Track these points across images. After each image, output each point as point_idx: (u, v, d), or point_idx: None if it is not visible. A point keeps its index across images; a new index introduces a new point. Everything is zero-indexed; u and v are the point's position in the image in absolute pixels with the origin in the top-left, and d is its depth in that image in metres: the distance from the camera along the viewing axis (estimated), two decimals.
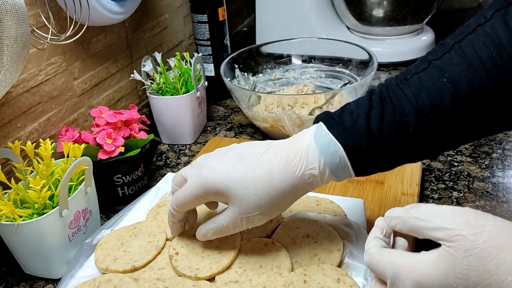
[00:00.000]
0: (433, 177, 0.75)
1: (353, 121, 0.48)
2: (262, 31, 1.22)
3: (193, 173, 0.53)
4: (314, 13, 1.16)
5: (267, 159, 0.50)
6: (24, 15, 0.49)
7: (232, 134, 0.93)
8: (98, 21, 0.75)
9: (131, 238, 0.60)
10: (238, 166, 0.50)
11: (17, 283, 0.61)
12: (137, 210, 0.67)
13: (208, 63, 1.00)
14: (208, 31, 0.96)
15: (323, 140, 0.48)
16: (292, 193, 0.50)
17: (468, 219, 0.37)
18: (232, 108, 1.03)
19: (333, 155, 0.48)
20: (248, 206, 0.49)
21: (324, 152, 0.48)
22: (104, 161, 0.68)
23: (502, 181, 0.73)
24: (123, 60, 0.89)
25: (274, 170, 0.49)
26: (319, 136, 0.49)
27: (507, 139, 0.83)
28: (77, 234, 0.61)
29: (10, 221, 0.54)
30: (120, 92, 0.89)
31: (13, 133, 0.67)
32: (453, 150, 0.78)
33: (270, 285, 0.51)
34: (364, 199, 0.66)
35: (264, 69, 1.03)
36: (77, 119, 0.79)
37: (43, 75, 0.70)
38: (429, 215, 0.39)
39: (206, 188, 0.51)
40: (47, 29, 0.65)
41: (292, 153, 0.49)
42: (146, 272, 0.55)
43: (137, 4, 0.82)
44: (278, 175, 0.49)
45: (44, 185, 0.56)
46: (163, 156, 0.88)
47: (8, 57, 0.48)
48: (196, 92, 0.86)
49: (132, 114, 0.72)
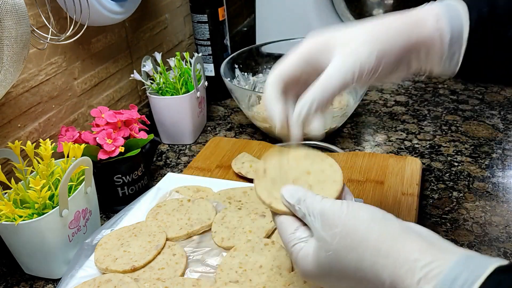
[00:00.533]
0: (433, 177, 0.75)
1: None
2: (262, 31, 1.22)
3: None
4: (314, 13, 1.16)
5: (383, 16, 0.47)
6: (24, 15, 0.49)
7: (232, 134, 0.93)
8: (98, 21, 0.75)
9: (131, 238, 0.60)
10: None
11: (17, 283, 0.61)
12: (137, 210, 0.67)
13: (208, 63, 1.00)
14: (208, 31, 0.96)
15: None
16: (407, 38, 0.45)
17: (329, 219, 0.39)
18: (232, 108, 1.03)
19: (455, 13, 0.45)
20: (363, 44, 0.45)
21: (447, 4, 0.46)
22: (104, 161, 0.68)
23: (502, 181, 0.73)
24: (123, 60, 0.89)
25: (393, 20, 0.46)
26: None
27: (507, 139, 0.84)
28: (77, 234, 0.61)
29: (10, 221, 0.54)
30: (120, 92, 0.89)
31: (13, 133, 0.67)
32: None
33: (270, 285, 0.52)
34: (364, 199, 0.66)
35: (264, 69, 1.03)
36: (77, 119, 0.79)
37: (43, 75, 0.70)
38: (308, 210, 0.41)
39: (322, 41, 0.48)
40: (47, 29, 0.65)
41: (416, 22, 0.46)
42: (146, 272, 0.55)
43: (137, 4, 0.82)
44: (396, 23, 0.46)
45: (44, 185, 0.56)
46: (163, 156, 0.88)
47: (8, 57, 0.48)
48: (196, 92, 0.86)
49: (132, 114, 0.72)
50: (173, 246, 0.59)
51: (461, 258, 0.34)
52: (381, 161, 0.75)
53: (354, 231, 0.38)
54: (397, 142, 0.86)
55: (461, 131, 0.87)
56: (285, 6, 1.17)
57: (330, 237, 0.39)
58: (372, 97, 1.02)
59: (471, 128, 0.88)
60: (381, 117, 0.94)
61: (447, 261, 0.34)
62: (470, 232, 0.63)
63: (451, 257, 0.34)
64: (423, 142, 0.85)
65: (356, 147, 0.85)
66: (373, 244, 0.37)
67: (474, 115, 0.92)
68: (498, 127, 0.88)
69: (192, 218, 0.63)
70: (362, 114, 0.96)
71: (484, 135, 0.85)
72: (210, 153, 0.82)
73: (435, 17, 0.46)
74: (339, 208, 0.40)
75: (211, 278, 0.55)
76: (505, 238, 0.62)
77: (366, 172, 0.73)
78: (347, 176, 0.73)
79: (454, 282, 0.32)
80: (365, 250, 0.37)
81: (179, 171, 0.82)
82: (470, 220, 0.65)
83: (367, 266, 0.37)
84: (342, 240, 0.38)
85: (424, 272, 0.34)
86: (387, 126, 0.91)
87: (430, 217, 0.67)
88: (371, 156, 0.77)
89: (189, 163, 0.81)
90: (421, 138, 0.86)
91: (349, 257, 0.38)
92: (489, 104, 0.96)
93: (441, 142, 0.84)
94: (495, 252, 0.60)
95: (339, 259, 0.38)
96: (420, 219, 0.66)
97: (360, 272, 0.37)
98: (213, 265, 0.57)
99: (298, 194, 0.43)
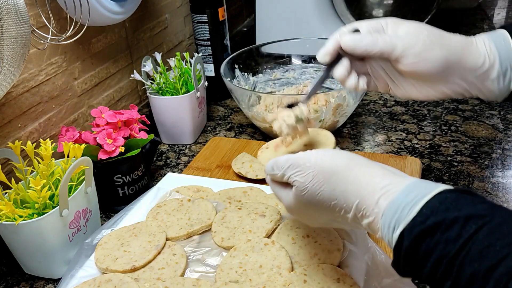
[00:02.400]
0: (433, 177, 0.75)
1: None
2: (262, 31, 1.22)
3: None
4: (314, 13, 1.16)
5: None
6: (24, 15, 0.49)
7: (232, 134, 0.93)
8: (98, 21, 0.75)
9: (131, 238, 0.60)
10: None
11: (17, 283, 0.61)
12: (137, 210, 0.67)
13: (208, 63, 1.00)
14: (208, 31, 0.96)
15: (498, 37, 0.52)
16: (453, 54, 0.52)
17: (299, 163, 0.46)
18: (232, 108, 1.03)
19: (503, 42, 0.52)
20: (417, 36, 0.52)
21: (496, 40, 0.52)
22: (104, 161, 0.68)
23: (502, 181, 0.73)
24: (123, 60, 0.89)
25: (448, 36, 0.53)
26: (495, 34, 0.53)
27: (507, 139, 0.84)
28: (77, 234, 0.61)
29: (11, 221, 0.54)
30: (120, 92, 0.89)
31: (13, 133, 0.67)
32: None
33: (270, 285, 0.52)
34: None
35: (264, 69, 1.03)
36: (77, 119, 0.79)
37: (43, 75, 0.71)
38: (284, 168, 0.47)
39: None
40: (47, 29, 0.65)
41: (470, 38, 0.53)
42: (146, 272, 0.55)
43: (137, 4, 0.82)
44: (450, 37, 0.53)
45: (44, 185, 0.57)
46: (163, 156, 0.88)
47: (9, 57, 0.48)
48: (196, 92, 0.87)
49: (132, 114, 0.72)
50: (173, 246, 0.59)
51: (415, 181, 0.40)
52: (381, 161, 0.75)
53: (324, 168, 0.44)
54: (397, 142, 0.86)
55: (461, 131, 0.87)
56: (285, 6, 1.17)
57: (305, 178, 0.45)
58: (372, 97, 1.03)
59: (471, 128, 0.88)
60: (381, 117, 0.94)
61: (403, 183, 0.40)
62: None
63: (406, 180, 0.41)
64: (423, 142, 0.85)
65: (356, 147, 0.85)
66: (342, 174, 0.43)
67: (474, 115, 0.92)
68: (498, 127, 0.88)
69: (192, 218, 0.63)
70: (362, 114, 0.96)
71: (484, 135, 0.85)
72: (210, 153, 0.82)
73: (481, 41, 0.53)
74: (308, 155, 0.46)
75: (211, 278, 0.55)
76: None
77: None
78: None
79: (407, 197, 0.38)
80: (336, 180, 0.43)
81: (179, 171, 0.83)
82: None
83: (338, 193, 0.43)
84: (315, 178, 0.44)
85: (383, 191, 0.40)
86: (387, 126, 0.91)
87: None
88: (371, 156, 0.77)
89: (189, 163, 0.81)
90: (421, 138, 0.86)
91: (322, 189, 0.44)
92: (489, 104, 0.96)
93: (441, 142, 0.84)
94: None
95: (314, 194, 0.44)
96: None
97: (333, 200, 0.43)
98: (213, 265, 0.57)
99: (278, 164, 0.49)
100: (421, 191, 0.38)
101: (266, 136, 0.90)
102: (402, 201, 0.38)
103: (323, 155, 0.45)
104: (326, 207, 0.44)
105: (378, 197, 0.40)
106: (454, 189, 0.38)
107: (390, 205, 0.39)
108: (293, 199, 0.47)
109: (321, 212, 0.46)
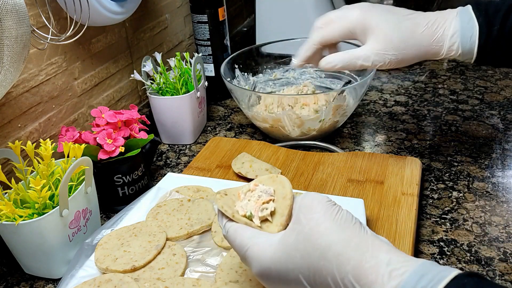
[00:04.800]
0: (433, 177, 0.75)
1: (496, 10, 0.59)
2: (262, 31, 1.22)
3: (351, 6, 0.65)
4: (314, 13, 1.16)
5: (414, 17, 0.61)
6: (24, 15, 0.49)
7: (232, 134, 0.93)
8: (98, 21, 0.75)
9: (131, 238, 0.60)
10: (388, 14, 0.62)
11: (17, 283, 0.61)
12: (137, 210, 0.67)
13: (208, 63, 1.00)
14: (208, 31, 0.96)
15: (464, 17, 0.60)
16: (422, 53, 0.61)
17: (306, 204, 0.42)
18: (232, 108, 1.03)
19: (469, 31, 0.59)
20: (387, 45, 0.61)
21: (462, 27, 0.60)
22: (104, 161, 0.68)
23: (502, 181, 0.73)
24: (123, 60, 0.89)
25: (418, 28, 0.60)
26: (463, 13, 0.60)
27: (506, 139, 0.84)
28: (77, 234, 0.61)
29: (11, 221, 0.54)
30: (120, 92, 0.89)
31: (13, 133, 0.67)
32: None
33: None
34: (364, 199, 0.66)
35: (264, 69, 1.03)
36: (77, 119, 0.79)
37: (43, 75, 0.71)
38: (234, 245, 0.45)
39: (361, 20, 0.62)
40: (47, 29, 0.65)
41: (437, 21, 0.60)
42: (146, 272, 0.55)
43: (137, 4, 0.82)
44: (420, 34, 0.60)
45: (44, 185, 0.57)
46: (163, 156, 0.88)
47: (9, 57, 0.48)
48: (196, 92, 0.87)
49: (132, 114, 0.72)
50: (173, 246, 0.59)
51: (426, 263, 0.36)
52: (381, 161, 0.75)
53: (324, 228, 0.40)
54: (397, 142, 0.86)
55: (461, 131, 0.87)
56: (285, 6, 1.17)
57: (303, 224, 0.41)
58: (372, 97, 1.03)
59: (471, 128, 0.88)
60: (381, 117, 0.94)
61: (412, 263, 0.36)
62: (470, 232, 0.63)
63: (415, 260, 0.36)
64: (423, 142, 0.85)
65: (356, 147, 0.85)
66: (344, 237, 0.39)
67: (474, 115, 0.92)
68: (498, 127, 0.88)
69: (192, 218, 0.63)
70: (362, 114, 0.96)
71: (484, 135, 0.85)
72: (210, 153, 0.82)
73: (450, 40, 0.60)
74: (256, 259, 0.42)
75: (211, 278, 0.55)
76: (505, 238, 0.62)
77: (366, 172, 0.73)
78: (347, 176, 0.73)
79: (419, 281, 0.34)
80: (336, 239, 0.38)
81: (179, 171, 0.83)
82: (470, 220, 0.66)
83: (333, 255, 0.38)
84: (315, 226, 0.40)
85: (389, 270, 0.36)
86: (387, 126, 0.91)
87: (430, 217, 0.67)
88: (371, 156, 0.77)
89: (189, 163, 0.81)
90: (421, 138, 0.86)
91: (318, 242, 0.39)
92: (489, 104, 0.96)
93: (441, 142, 0.84)
94: (495, 252, 0.60)
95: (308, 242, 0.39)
96: (420, 219, 0.66)
97: (323, 261, 0.38)
98: (213, 265, 0.57)
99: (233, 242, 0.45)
100: (435, 276, 0.34)
101: (266, 136, 0.90)
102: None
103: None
104: (311, 265, 0.40)
105: (382, 275, 0.36)
106: (470, 273, 0.35)
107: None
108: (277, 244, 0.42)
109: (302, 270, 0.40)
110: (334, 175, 0.74)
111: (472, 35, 0.59)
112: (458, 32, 0.60)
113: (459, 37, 0.60)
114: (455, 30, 0.60)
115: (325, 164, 0.76)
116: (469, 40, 0.59)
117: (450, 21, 0.60)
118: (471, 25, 0.59)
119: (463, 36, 0.60)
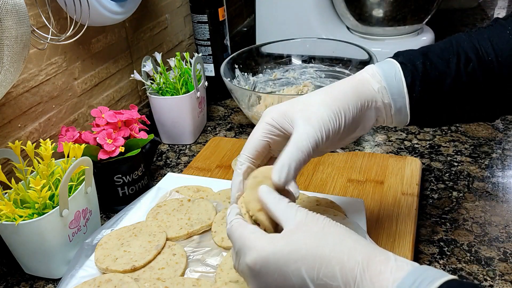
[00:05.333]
0: (433, 177, 0.75)
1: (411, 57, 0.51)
2: (262, 31, 1.22)
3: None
4: (314, 13, 1.16)
5: (339, 84, 0.52)
6: (24, 15, 0.49)
7: (232, 134, 0.93)
8: (98, 21, 0.75)
9: (131, 238, 0.60)
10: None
11: (17, 283, 0.61)
12: (137, 210, 0.67)
13: (208, 63, 1.00)
14: (208, 31, 0.96)
15: (388, 71, 0.51)
16: (357, 118, 0.50)
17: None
18: (232, 108, 1.03)
19: (394, 78, 0.51)
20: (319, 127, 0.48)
21: (388, 80, 0.51)
22: (104, 161, 0.68)
23: (502, 181, 0.73)
24: (123, 60, 0.89)
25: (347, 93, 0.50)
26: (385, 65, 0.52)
27: (506, 139, 0.84)
28: (77, 234, 0.61)
29: (11, 221, 0.54)
30: (120, 92, 0.89)
31: (13, 133, 0.67)
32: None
33: None
34: (364, 199, 0.66)
35: (264, 69, 1.03)
36: (77, 119, 0.79)
37: (43, 75, 0.71)
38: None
39: (283, 112, 0.49)
40: (47, 29, 0.65)
41: (360, 81, 0.51)
42: (146, 272, 0.55)
43: (137, 4, 0.82)
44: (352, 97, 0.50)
45: (44, 185, 0.57)
46: (163, 156, 0.88)
47: (9, 57, 0.48)
48: (196, 92, 0.87)
49: (132, 114, 0.72)
50: (173, 246, 0.59)
51: (419, 267, 0.38)
52: (381, 161, 0.75)
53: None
54: (397, 142, 0.86)
55: (461, 131, 0.87)
56: (285, 6, 1.17)
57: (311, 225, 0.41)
58: None
59: (471, 128, 0.88)
60: None
61: (416, 264, 0.38)
62: (470, 232, 0.63)
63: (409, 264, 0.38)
64: (423, 142, 0.85)
65: (356, 147, 0.85)
66: (355, 237, 0.41)
67: None
68: (498, 127, 0.88)
69: (192, 218, 0.63)
70: None
71: (484, 135, 0.85)
72: (210, 153, 0.82)
73: (374, 78, 0.51)
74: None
75: (211, 278, 0.55)
76: (505, 238, 0.62)
77: (366, 172, 0.73)
78: (347, 176, 0.73)
79: (426, 270, 0.36)
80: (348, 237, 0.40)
81: (179, 171, 0.83)
82: (470, 220, 0.66)
83: (346, 247, 0.39)
84: (327, 226, 0.41)
85: (398, 264, 0.38)
86: (387, 126, 0.91)
87: (430, 217, 0.67)
88: (371, 156, 0.77)
89: (189, 163, 0.81)
90: (421, 138, 0.86)
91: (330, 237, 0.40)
92: None
93: (441, 142, 0.84)
94: (495, 252, 0.60)
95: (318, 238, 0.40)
96: (420, 219, 0.66)
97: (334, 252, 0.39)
98: (213, 265, 0.57)
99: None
100: (427, 278, 0.36)
101: None
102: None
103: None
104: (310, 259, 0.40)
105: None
106: (462, 281, 0.36)
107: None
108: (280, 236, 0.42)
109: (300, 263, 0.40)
110: (334, 175, 0.74)
111: (395, 73, 0.51)
112: (379, 71, 0.51)
113: (381, 75, 0.51)
114: (375, 70, 0.52)
115: (325, 164, 0.76)
116: (394, 79, 0.51)
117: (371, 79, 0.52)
118: (391, 65, 0.52)
119: (383, 73, 0.51)
